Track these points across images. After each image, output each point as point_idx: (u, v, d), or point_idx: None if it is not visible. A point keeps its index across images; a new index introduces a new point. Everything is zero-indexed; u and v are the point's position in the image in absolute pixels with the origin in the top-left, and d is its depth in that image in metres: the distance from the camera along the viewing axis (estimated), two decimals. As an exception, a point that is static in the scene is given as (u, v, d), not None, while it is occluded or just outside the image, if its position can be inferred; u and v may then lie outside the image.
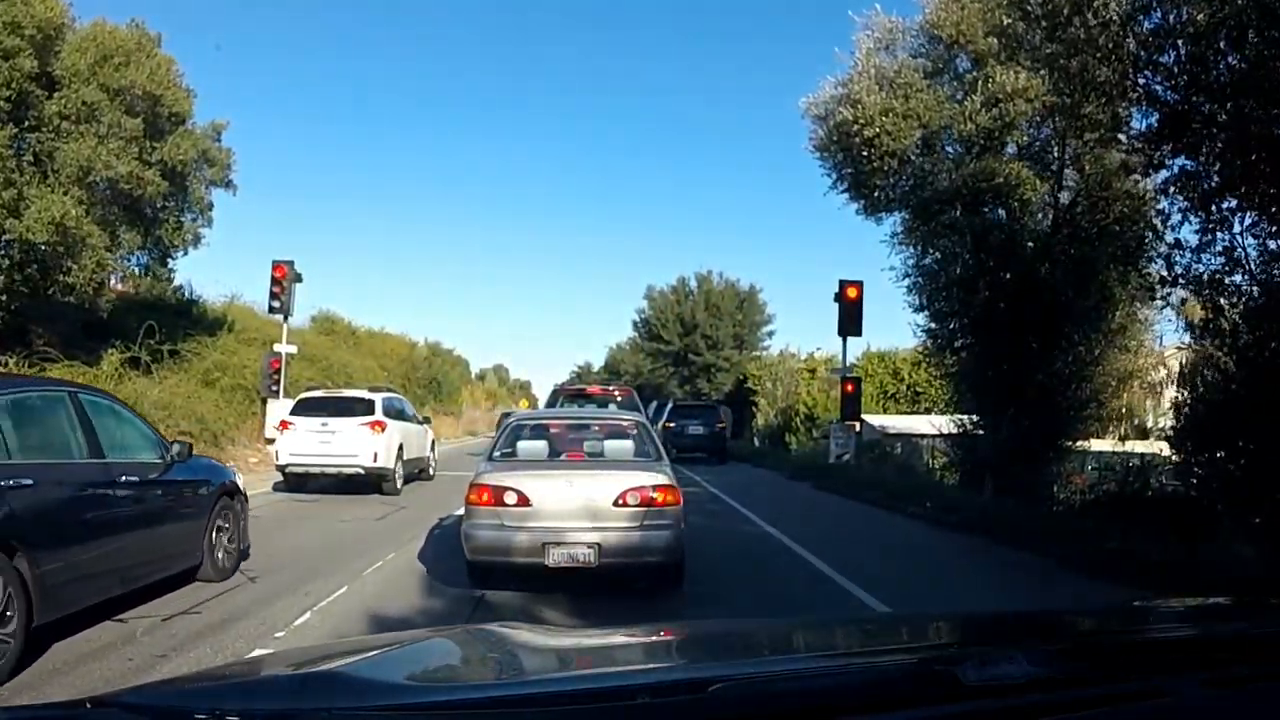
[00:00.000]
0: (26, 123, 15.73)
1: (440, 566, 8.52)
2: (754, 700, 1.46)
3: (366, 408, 14.97)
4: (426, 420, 18.75)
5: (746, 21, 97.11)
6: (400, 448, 15.20)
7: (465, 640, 2.07)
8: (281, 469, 14.86)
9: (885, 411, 30.74)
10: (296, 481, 14.73)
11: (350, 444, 14.39)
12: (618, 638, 2.35)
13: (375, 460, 14.48)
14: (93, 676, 4.70)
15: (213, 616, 6.25)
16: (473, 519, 7.19)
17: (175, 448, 7.09)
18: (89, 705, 1.42)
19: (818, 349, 36.87)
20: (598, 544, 6.95)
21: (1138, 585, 7.32)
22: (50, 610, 5.17)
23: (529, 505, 7.02)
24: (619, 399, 17.13)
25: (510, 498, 7.03)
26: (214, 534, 7.46)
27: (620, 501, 7.06)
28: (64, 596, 5.32)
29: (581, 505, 7.05)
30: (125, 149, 16.59)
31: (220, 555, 7.56)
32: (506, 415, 12.85)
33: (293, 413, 15.22)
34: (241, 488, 8.39)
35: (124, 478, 6.22)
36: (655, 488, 7.13)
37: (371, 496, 14.36)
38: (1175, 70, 10.86)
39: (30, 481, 5.21)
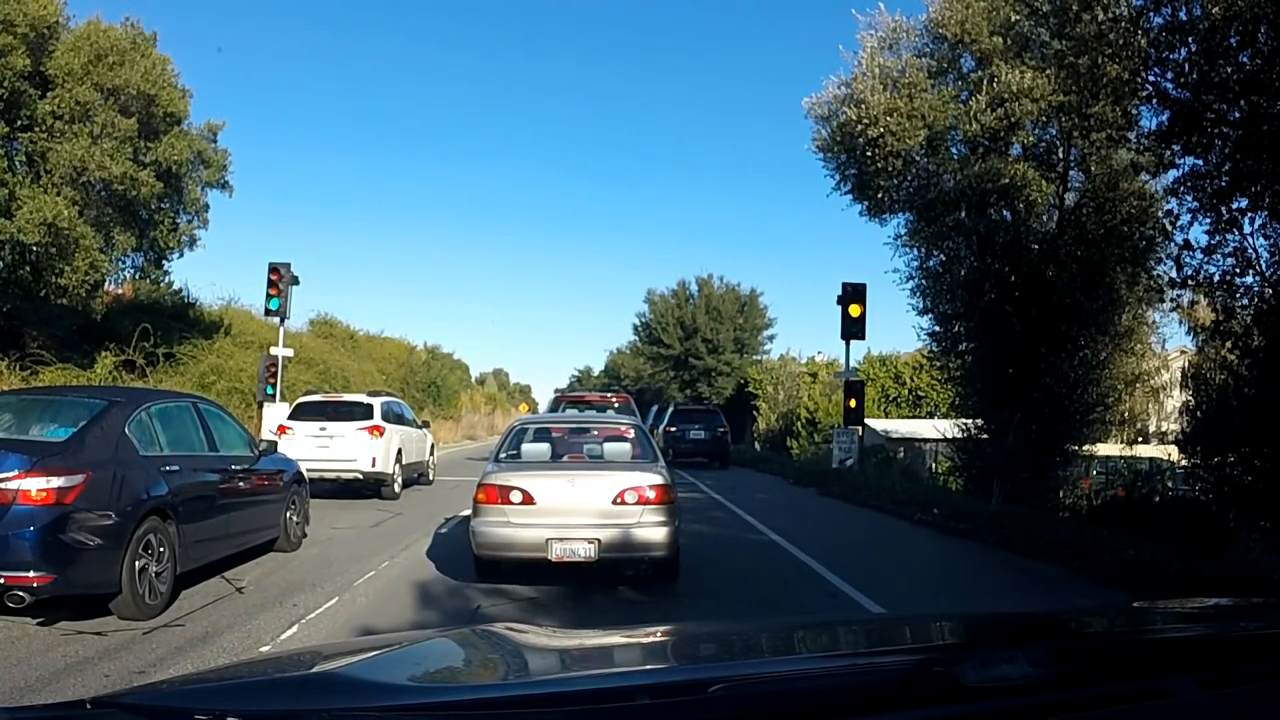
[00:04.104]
0: (19, 122, 15.56)
1: (435, 577, 8.28)
2: (754, 701, 1.46)
3: (365, 412, 14.81)
4: (425, 424, 18.51)
5: (747, 24, 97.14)
6: (399, 452, 15.03)
7: (465, 641, 2.06)
8: None
9: (887, 416, 30.55)
10: None
11: (349, 448, 14.21)
12: (618, 638, 2.34)
13: (374, 465, 14.31)
14: (65, 694, 4.47)
15: (195, 629, 6.02)
16: (481, 516, 7.54)
17: (262, 444, 9.17)
18: (89, 705, 1.42)
19: (819, 353, 36.80)
20: (597, 540, 7.34)
21: (1162, 596, 7.06)
22: (185, 563, 6.86)
23: (533, 503, 7.43)
24: (616, 405, 18.04)
25: (516, 496, 7.44)
26: (288, 513, 9.22)
27: (618, 500, 7.46)
28: (194, 553, 7.04)
29: (582, 504, 7.44)
30: (119, 149, 16.42)
31: (292, 530, 9.30)
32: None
33: (291, 417, 15.02)
34: (306, 477, 10.20)
35: (231, 467, 7.98)
36: (651, 487, 7.51)
37: (367, 502, 14.12)
38: (1186, 67, 10.67)
39: (176, 468, 6.94)
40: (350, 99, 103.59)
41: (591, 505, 7.44)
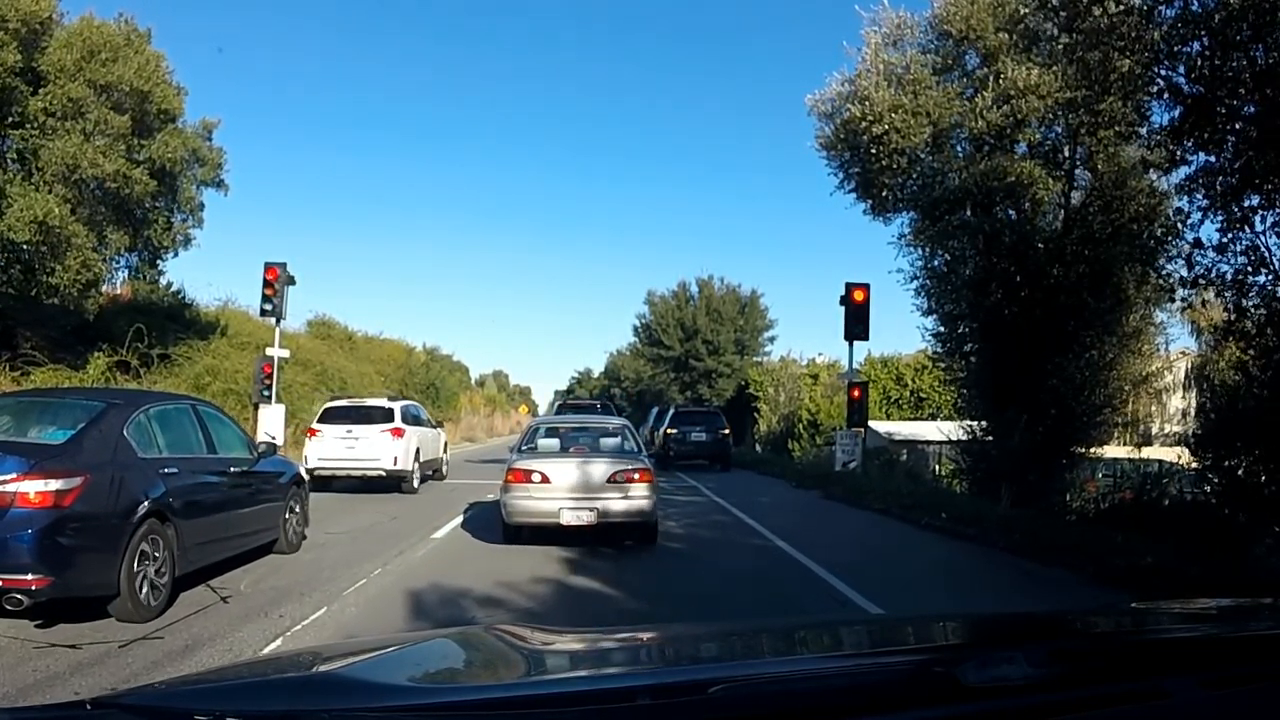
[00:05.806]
0: (10, 119, 15.34)
1: (430, 584, 7.93)
2: (754, 701, 1.47)
3: (386, 415, 16.31)
4: (439, 424, 20.12)
5: (748, 21, 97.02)
6: (418, 451, 16.57)
7: (466, 641, 2.07)
8: (310, 472, 14.96)
9: (889, 418, 30.32)
10: (323, 483, 15.62)
11: (373, 449, 15.80)
12: (618, 639, 2.35)
13: (395, 463, 15.88)
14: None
15: (174, 642, 5.71)
16: (510, 493, 10.02)
17: (261, 446, 9.10)
18: (89, 706, 1.44)
19: (820, 354, 36.48)
20: (597, 509, 9.83)
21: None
22: (184, 565, 6.82)
23: (549, 482, 9.93)
24: (599, 407, 26.39)
25: (536, 477, 9.96)
26: (288, 515, 9.22)
27: (612, 479, 9.98)
28: (193, 555, 7.01)
29: (585, 482, 9.92)
30: (112, 147, 16.19)
31: (291, 532, 9.33)
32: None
33: (320, 421, 16.57)
34: (305, 478, 10.36)
35: (230, 469, 7.98)
36: (636, 470, 10.15)
37: (365, 503, 14.07)
38: (1199, 61, 10.46)
39: (175, 470, 6.91)
40: (348, 98, 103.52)
41: (592, 483, 9.90)
